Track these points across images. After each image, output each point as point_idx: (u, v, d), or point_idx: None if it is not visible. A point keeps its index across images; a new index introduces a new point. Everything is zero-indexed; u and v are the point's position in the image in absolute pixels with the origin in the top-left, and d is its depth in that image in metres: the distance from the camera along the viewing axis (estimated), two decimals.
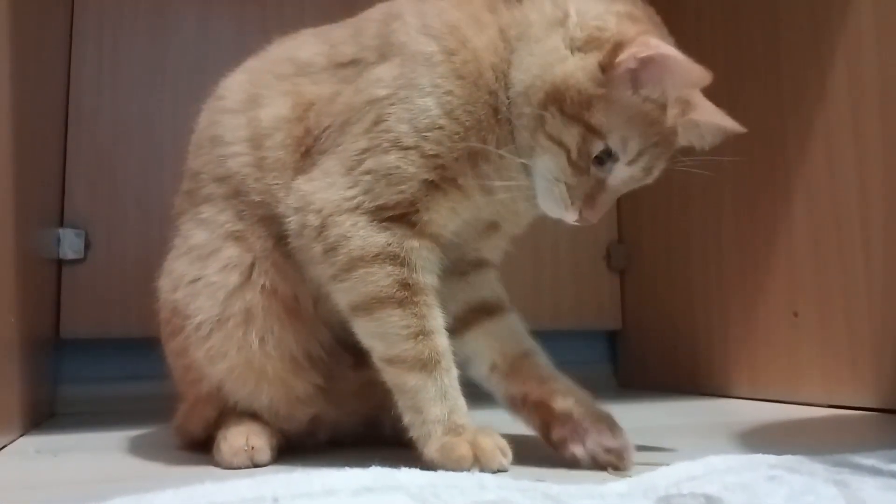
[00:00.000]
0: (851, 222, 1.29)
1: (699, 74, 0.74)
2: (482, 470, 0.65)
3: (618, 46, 0.73)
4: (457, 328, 0.85)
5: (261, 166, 0.85)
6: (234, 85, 0.92)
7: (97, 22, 1.54)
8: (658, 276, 1.79)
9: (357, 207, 0.77)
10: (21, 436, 1.10)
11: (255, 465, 0.82)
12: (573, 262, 1.85)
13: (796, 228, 1.40)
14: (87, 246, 1.48)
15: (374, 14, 0.89)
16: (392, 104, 0.78)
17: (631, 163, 0.76)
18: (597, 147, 0.74)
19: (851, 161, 1.29)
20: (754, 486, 0.57)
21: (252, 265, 0.84)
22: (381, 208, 0.76)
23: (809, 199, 1.37)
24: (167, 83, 1.57)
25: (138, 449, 0.99)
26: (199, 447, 0.91)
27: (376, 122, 0.78)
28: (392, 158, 0.76)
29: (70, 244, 1.45)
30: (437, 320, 0.77)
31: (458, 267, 0.87)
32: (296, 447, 0.88)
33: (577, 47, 0.76)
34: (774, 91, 1.45)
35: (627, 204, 1.87)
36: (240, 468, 0.81)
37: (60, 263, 1.45)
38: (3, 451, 0.97)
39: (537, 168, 0.77)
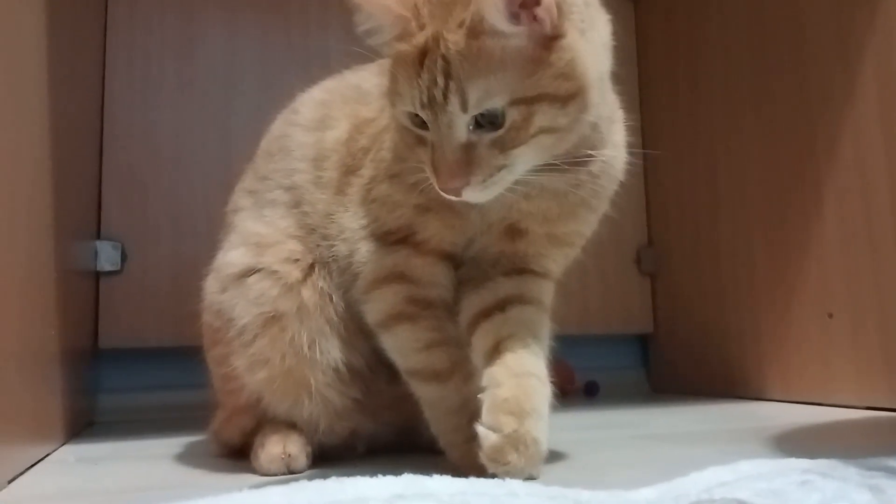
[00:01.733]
0: (883, 222, 1.27)
1: None
2: (508, 477, 0.65)
3: None
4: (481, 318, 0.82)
5: (318, 184, 0.87)
6: (310, 102, 0.94)
7: (128, 43, 1.57)
8: (689, 280, 1.78)
9: (371, 234, 0.80)
10: (62, 445, 1.13)
11: (291, 472, 0.84)
12: (601, 266, 1.85)
13: (827, 229, 1.38)
14: (124, 258, 1.51)
15: None
16: (386, 133, 0.81)
17: (414, 108, 0.70)
18: (402, 115, 0.72)
19: (881, 160, 1.27)
20: (786, 492, 0.57)
21: (312, 265, 0.85)
22: (387, 234, 0.79)
23: (840, 199, 1.36)
24: (196, 99, 1.60)
25: (176, 457, 1.01)
26: (236, 454, 0.93)
27: (377, 151, 0.82)
28: (385, 187, 0.79)
29: (107, 257, 1.49)
30: (450, 332, 0.79)
31: (484, 278, 0.84)
32: (333, 457, 0.89)
33: None
34: (802, 92, 1.44)
35: (657, 207, 1.86)
36: (276, 475, 0.83)
37: (98, 275, 1.49)
38: (45, 460, 1.00)
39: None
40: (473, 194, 0.69)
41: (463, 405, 0.76)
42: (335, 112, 0.90)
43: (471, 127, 0.67)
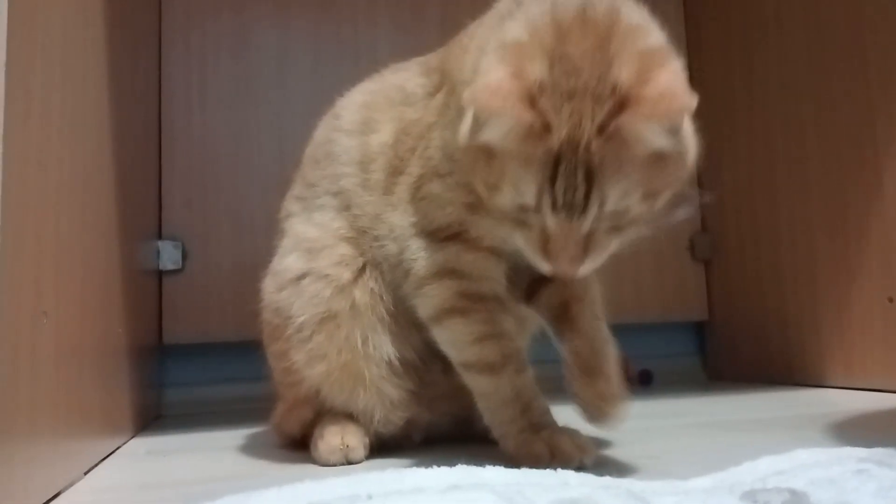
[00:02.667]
0: None
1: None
2: (560, 467, 0.66)
3: None
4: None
5: (365, 186, 0.89)
6: (352, 106, 0.94)
7: (183, 46, 1.62)
8: (745, 265, 1.75)
9: (421, 231, 0.81)
10: (132, 438, 1.17)
11: (350, 463, 0.86)
12: (655, 253, 1.84)
13: (888, 212, 1.35)
14: (185, 256, 1.56)
15: (454, 40, 0.89)
16: (433, 130, 0.81)
17: (539, 209, 0.66)
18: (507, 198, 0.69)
19: None
20: (841, 481, 0.57)
21: (364, 267, 0.87)
22: (437, 230, 0.80)
23: None
24: (250, 100, 1.64)
25: (239, 448, 1.04)
26: (297, 445, 0.96)
27: (425, 149, 0.81)
28: (434, 185, 0.79)
29: (169, 256, 1.54)
30: (502, 325, 0.79)
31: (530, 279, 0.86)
32: (390, 447, 0.91)
33: None
34: (861, 75, 1.40)
35: (710, 192, 1.84)
36: (336, 465, 0.86)
37: (160, 274, 1.54)
38: (116, 452, 1.04)
39: None
40: (583, 270, 0.68)
41: (516, 396, 0.77)
42: (379, 115, 0.90)
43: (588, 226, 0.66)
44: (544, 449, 0.73)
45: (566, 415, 0.80)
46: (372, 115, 0.91)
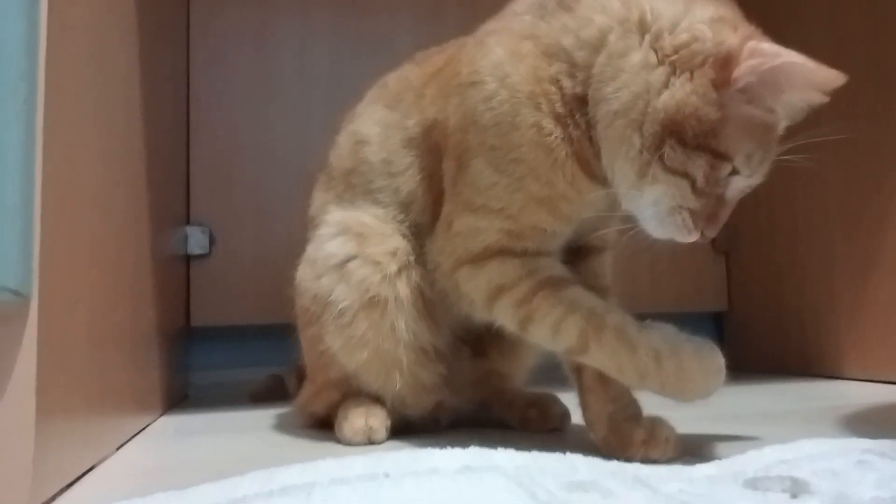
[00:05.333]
0: None
1: (826, 77, 0.72)
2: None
3: (728, 60, 0.68)
4: None
5: (411, 221, 0.91)
6: (374, 142, 0.95)
7: (210, 44, 1.65)
8: (764, 257, 1.75)
9: (461, 264, 0.82)
10: (160, 416, 1.21)
11: (372, 443, 0.90)
12: (674, 244, 1.84)
13: None
14: (212, 242, 1.60)
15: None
16: (468, 159, 0.81)
17: (751, 175, 0.73)
18: (725, 170, 0.71)
19: None
20: (844, 472, 0.58)
21: (410, 263, 0.89)
22: (475, 256, 0.81)
23: None
24: (274, 94, 1.68)
25: (264, 428, 1.07)
26: (320, 425, 0.99)
27: (454, 186, 0.83)
28: (469, 219, 0.81)
29: (196, 241, 1.58)
30: (563, 299, 0.77)
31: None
32: (417, 429, 0.94)
33: (673, 62, 0.70)
34: (880, 65, 1.40)
35: None
36: (359, 445, 0.89)
37: (188, 259, 1.58)
38: (145, 430, 1.07)
39: (646, 198, 0.73)
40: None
41: (634, 347, 0.75)
42: (395, 158, 0.92)
43: None
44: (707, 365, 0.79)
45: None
46: (390, 157, 0.92)
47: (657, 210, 0.73)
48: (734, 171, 0.71)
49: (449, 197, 0.84)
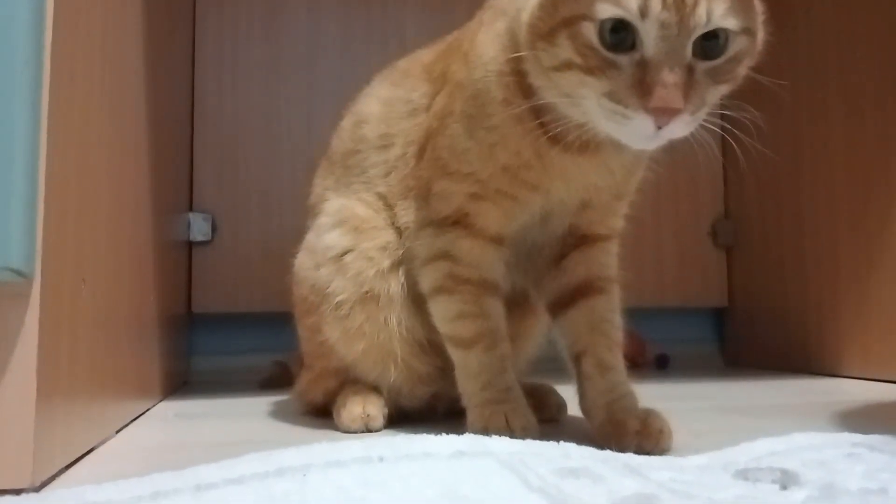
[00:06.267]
0: None
1: None
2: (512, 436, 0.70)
3: None
4: (557, 308, 0.89)
5: (391, 194, 0.93)
6: (373, 120, 0.97)
7: (217, 28, 1.66)
8: (766, 253, 1.76)
9: (430, 222, 0.86)
10: (160, 401, 1.23)
11: (369, 431, 0.91)
12: (677, 238, 1.85)
13: None
14: (214, 229, 1.61)
15: (450, 46, 0.93)
16: (439, 135, 0.85)
17: (645, 12, 0.63)
18: (589, 30, 0.65)
19: None
20: (832, 463, 0.59)
21: (400, 260, 0.91)
22: (443, 219, 0.84)
23: None
24: (281, 81, 1.68)
25: (263, 414, 1.08)
26: (318, 412, 1.00)
27: (433, 151, 0.85)
28: (443, 182, 0.84)
29: (199, 228, 1.59)
30: (482, 307, 0.84)
31: (554, 252, 0.89)
32: (414, 418, 0.95)
33: None
34: (889, 63, 1.40)
35: (734, 178, 1.84)
36: (356, 432, 0.90)
37: (191, 245, 1.59)
38: (146, 414, 1.09)
39: (578, 111, 0.71)
40: (677, 127, 0.66)
41: (479, 372, 0.82)
42: (393, 130, 0.94)
43: (692, 48, 0.65)
44: (501, 420, 0.77)
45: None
46: (388, 130, 0.94)
47: (590, 116, 0.70)
48: (624, 26, 0.64)
49: (428, 162, 0.86)
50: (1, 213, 0.59)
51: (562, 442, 0.65)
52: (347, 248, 0.91)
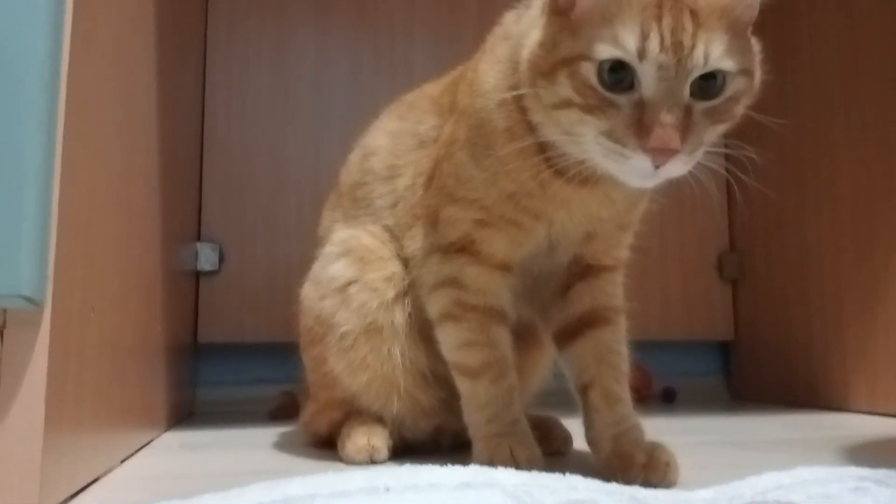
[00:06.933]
0: None
1: None
2: (518, 468, 0.70)
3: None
4: (564, 339, 0.89)
5: (398, 226, 0.93)
6: (381, 152, 0.98)
7: (227, 59, 1.68)
8: (772, 286, 1.75)
9: (437, 249, 0.86)
10: (165, 431, 1.22)
11: (374, 463, 0.90)
12: (682, 271, 1.85)
13: None
14: (222, 259, 1.61)
15: (458, 77, 0.94)
16: (445, 162, 0.85)
17: (643, 54, 0.65)
18: (588, 70, 0.67)
19: None
20: (839, 497, 0.59)
21: (406, 290, 0.91)
22: (449, 245, 0.85)
23: None
24: (289, 111, 1.70)
25: (268, 445, 1.08)
26: (323, 444, 1.00)
27: (439, 179, 0.86)
28: (449, 209, 0.84)
29: (206, 257, 1.59)
30: (488, 335, 0.84)
31: (560, 282, 0.90)
32: (419, 451, 0.95)
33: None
34: (893, 98, 1.41)
35: (739, 212, 1.85)
36: (361, 464, 0.90)
37: (198, 275, 1.59)
38: (151, 444, 1.09)
39: (578, 148, 0.71)
40: (675, 166, 0.67)
41: (486, 404, 0.82)
42: (401, 161, 0.95)
43: (690, 89, 0.66)
44: (506, 452, 0.77)
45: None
46: (396, 161, 0.95)
47: (589, 154, 0.71)
48: (622, 66, 0.65)
49: (435, 189, 0.87)
50: (13, 240, 0.60)
51: (568, 474, 0.65)
52: (352, 279, 0.92)
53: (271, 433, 1.18)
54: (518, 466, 0.73)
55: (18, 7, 0.61)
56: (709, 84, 0.67)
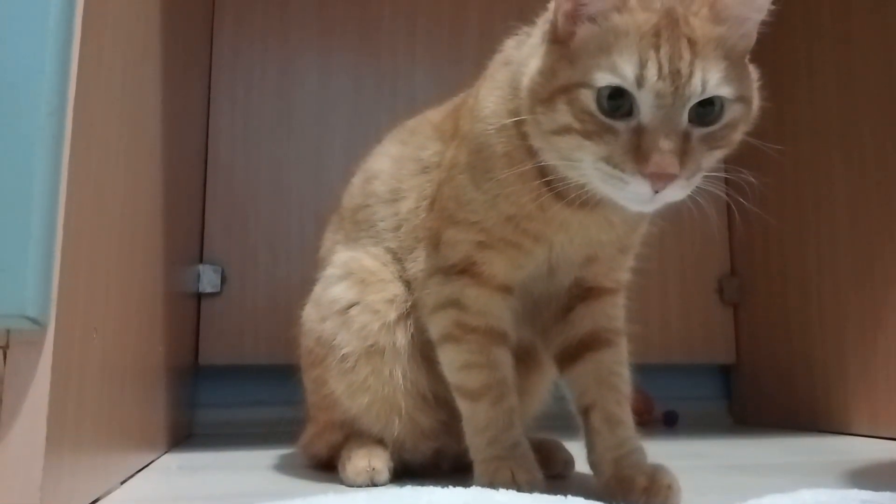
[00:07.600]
0: None
1: None
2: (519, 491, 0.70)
3: (554, 8, 0.72)
4: (565, 361, 0.89)
5: (401, 248, 0.94)
6: (383, 175, 0.99)
7: (231, 83, 1.69)
8: (773, 310, 1.75)
9: (438, 270, 0.86)
10: (165, 453, 1.22)
11: (374, 485, 0.90)
12: (683, 295, 1.85)
13: None
14: (223, 281, 1.61)
15: (458, 104, 0.95)
16: (446, 185, 0.86)
17: (641, 82, 0.66)
18: (587, 97, 0.68)
19: None
20: None
21: (407, 312, 0.91)
22: (450, 267, 0.85)
23: None
24: (293, 135, 1.71)
25: (268, 467, 1.08)
26: (323, 466, 1.00)
27: (440, 201, 0.87)
28: (450, 231, 0.85)
29: (208, 279, 1.59)
30: (489, 357, 0.84)
31: (561, 304, 0.90)
32: (420, 474, 0.94)
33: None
34: (891, 121, 1.42)
35: (740, 236, 1.85)
36: (361, 486, 0.89)
37: (200, 297, 1.60)
38: (150, 466, 1.08)
39: (577, 173, 0.72)
40: (673, 192, 0.68)
41: (486, 426, 0.82)
42: (404, 185, 0.95)
43: (688, 115, 0.67)
44: (507, 475, 0.76)
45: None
46: (398, 185, 0.96)
47: (588, 178, 0.72)
48: (620, 93, 0.67)
49: (437, 212, 0.88)
50: (18, 260, 0.60)
51: (569, 497, 0.65)
52: (353, 301, 0.92)
53: (270, 455, 1.17)
54: (519, 489, 0.72)
55: (27, 31, 0.62)
56: (707, 111, 0.68)
